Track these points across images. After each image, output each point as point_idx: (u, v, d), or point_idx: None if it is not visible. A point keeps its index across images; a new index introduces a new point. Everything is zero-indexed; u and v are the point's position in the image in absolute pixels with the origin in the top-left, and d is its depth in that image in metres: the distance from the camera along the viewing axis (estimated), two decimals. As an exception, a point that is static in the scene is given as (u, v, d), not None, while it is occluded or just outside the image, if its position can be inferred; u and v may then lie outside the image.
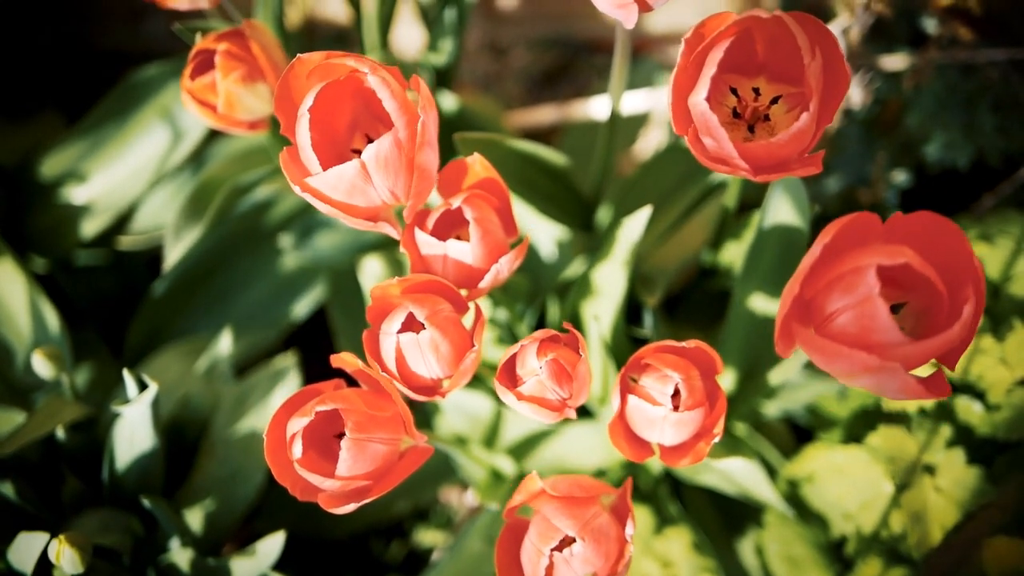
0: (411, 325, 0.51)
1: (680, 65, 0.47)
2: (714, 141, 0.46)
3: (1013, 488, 0.65)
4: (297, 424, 0.49)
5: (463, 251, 0.53)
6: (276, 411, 0.51)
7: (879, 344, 0.43)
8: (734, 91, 0.51)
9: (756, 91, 0.51)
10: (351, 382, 0.54)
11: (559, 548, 0.51)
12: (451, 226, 0.55)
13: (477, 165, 0.55)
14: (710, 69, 0.46)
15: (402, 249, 0.53)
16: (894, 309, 0.48)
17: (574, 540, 0.51)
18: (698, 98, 0.46)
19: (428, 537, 0.92)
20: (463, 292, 0.54)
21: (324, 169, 0.49)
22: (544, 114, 1.07)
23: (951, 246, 0.45)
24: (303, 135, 0.49)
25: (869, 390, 0.45)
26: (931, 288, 0.45)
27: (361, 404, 0.50)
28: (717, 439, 0.50)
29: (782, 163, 0.47)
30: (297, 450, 0.49)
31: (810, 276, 0.45)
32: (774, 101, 0.50)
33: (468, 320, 0.54)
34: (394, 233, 0.51)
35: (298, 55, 0.49)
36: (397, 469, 0.51)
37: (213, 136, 0.90)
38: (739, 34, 0.48)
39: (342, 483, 0.50)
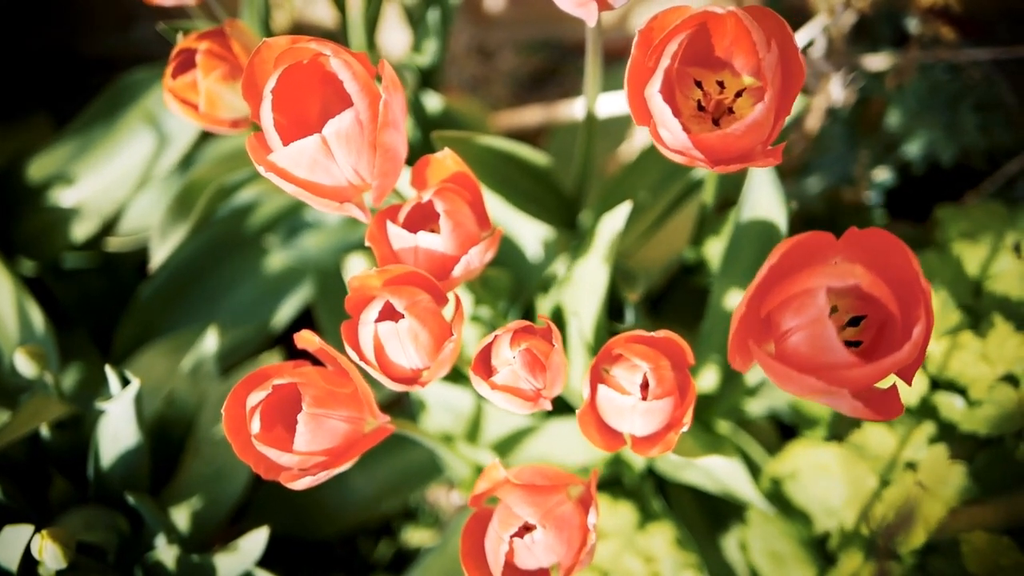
0: (390, 315, 0.51)
1: (634, 57, 0.48)
2: (669, 132, 0.47)
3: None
4: (255, 398, 0.49)
5: (434, 242, 0.52)
6: (234, 387, 0.50)
7: (829, 364, 0.43)
8: (699, 84, 0.51)
9: (721, 85, 0.51)
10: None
11: (520, 535, 0.51)
12: (423, 221, 0.55)
13: (448, 160, 0.55)
14: (665, 61, 0.47)
15: (367, 243, 0.53)
16: (855, 321, 0.49)
17: (536, 527, 0.51)
18: (652, 90, 0.47)
19: (416, 537, 0.92)
20: (437, 285, 0.53)
21: (288, 150, 0.48)
22: (530, 115, 1.07)
23: (902, 265, 0.45)
24: (266, 115, 0.49)
25: (825, 405, 0.45)
26: (885, 305, 0.45)
27: (320, 380, 0.50)
28: (685, 428, 0.50)
29: (743, 155, 0.47)
30: (255, 425, 0.49)
31: (757, 296, 0.46)
32: (739, 95, 0.51)
33: (448, 313, 0.54)
34: (361, 216, 0.51)
35: (264, 40, 0.49)
36: (357, 445, 0.51)
37: (204, 138, 0.90)
38: (696, 28, 0.48)
39: (300, 459, 0.49)
